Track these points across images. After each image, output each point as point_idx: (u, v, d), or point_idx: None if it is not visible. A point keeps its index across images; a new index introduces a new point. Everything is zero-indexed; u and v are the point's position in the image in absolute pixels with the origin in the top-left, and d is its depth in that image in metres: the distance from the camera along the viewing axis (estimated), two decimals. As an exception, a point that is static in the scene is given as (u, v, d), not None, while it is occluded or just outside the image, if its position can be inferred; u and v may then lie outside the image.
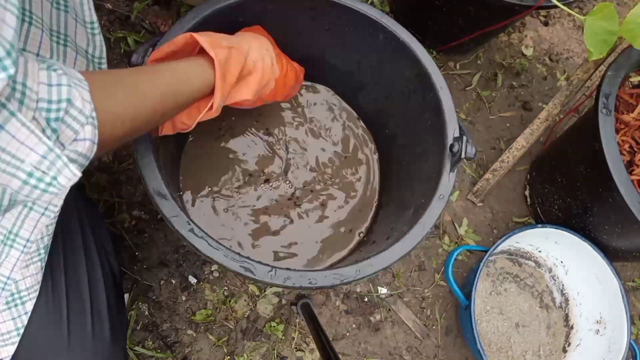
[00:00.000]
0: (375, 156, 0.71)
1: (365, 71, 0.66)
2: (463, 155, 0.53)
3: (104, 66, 0.51)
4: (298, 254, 0.65)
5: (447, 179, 0.53)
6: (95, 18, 0.45)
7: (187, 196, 0.65)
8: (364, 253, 0.62)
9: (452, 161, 0.54)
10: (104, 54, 0.50)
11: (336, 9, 0.59)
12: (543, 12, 1.15)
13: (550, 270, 0.92)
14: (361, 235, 0.67)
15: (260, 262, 0.45)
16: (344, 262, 0.60)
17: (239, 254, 0.45)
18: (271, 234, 0.65)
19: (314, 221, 0.67)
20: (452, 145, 0.54)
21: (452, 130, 0.56)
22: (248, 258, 0.45)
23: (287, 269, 0.45)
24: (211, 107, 0.48)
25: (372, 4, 1.03)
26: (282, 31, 0.62)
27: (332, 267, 0.65)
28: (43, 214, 0.43)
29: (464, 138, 0.54)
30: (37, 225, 0.43)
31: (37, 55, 0.41)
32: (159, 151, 0.51)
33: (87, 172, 0.82)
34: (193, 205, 0.65)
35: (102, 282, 0.54)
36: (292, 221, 0.66)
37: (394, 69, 0.63)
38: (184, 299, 0.80)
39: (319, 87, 0.72)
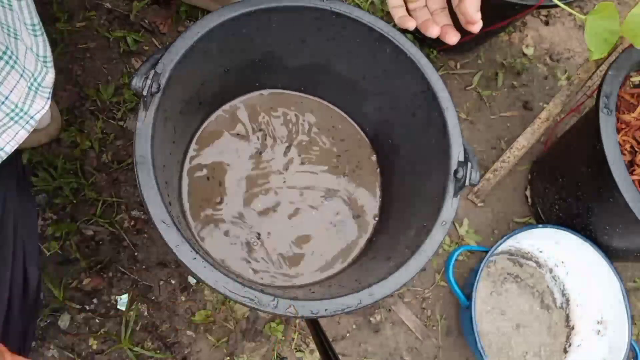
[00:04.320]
0: (378, 169, 0.71)
1: (370, 81, 0.66)
2: (467, 183, 0.53)
3: (50, 65, 0.50)
4: (296, 261, 0.65)
5: (450, 205, 0.53)
6: (37, 20, 0.46)
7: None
8: (364, 268, 0.62)
9: (456, 187, 0.54)
10: (49, 53, 0.50)
11: (342, 20, 0.58)
12: (544, 12, 1.14)
13: (551, 271, 0.92)
14: (361, 248, 0.67)
15: (262, 292, 0.45)
16: (343, 285, 0.60)
17: (241, 283, 0.45)
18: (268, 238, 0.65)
19: (313, 230, 0.67)
20: (456, 171, 0.54)
21: (456, 152, 0.55)
22: (250, 287, 0.45)
23: (290, 298, 0.46)
24: None
25: (372, 3, 1.03)
26: (286, 39, 0.62)
27: (330, 278, 0.65)
28: None
29: (469, 164, 0.53)
30: None
31: None
32: (160, 169, 0.50)
33: (86, 172, 0.82)
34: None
35: (7, 286, 0.50)
36: (290, 228, 0.66)
37: (399, 83, 0.62)
38: (183, 299, 0.80)
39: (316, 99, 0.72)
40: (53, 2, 0.88)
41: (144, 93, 0.47)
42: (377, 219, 0.69)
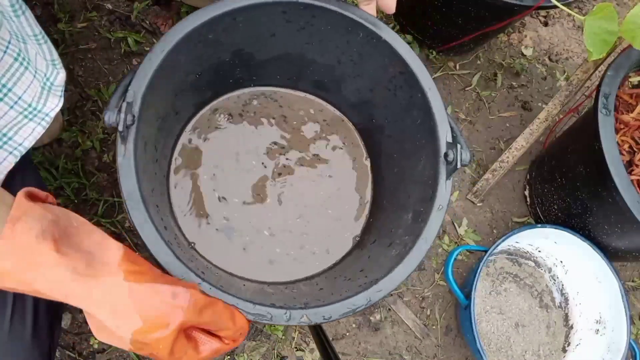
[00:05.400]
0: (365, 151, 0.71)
1: (346, 65, 0.66)
2: (459, 165, 0.53)
3: (59, 66, 0.52)
4: (291, 253, 0.65)
5: (444, 188, 0.54)
6: (38, 30, 0.48)
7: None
8: (366, 255, 0.62)
9: (447, 170, 0.54)
10: (56, 56, 0.52)
11: (309, 10, 0.58)
12: (543, 13, 1.15)
13: (549, 270, 0.92)
14: (357, 239, 0.67)
15: (273, 306, 0.46)
16: (349, 277, 0.60)
17: (251, 302, 0.45)
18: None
19: (309, 218, 0.67)
20: (446, 154, 0.54)
21: (444, 133, 0.55)
22: (261, 304, 0.45)
23: (301, 307, 0.46)
24: None
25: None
26: (255, 36, 0.61)
27: (333, 267, 0.65)
28: None
29: (458, 146, 0.54)
30: None
31: None
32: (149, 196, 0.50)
33: (87, 172, 0.82)
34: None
35: None
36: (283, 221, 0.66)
37: (376, 65, 0.62)
38: (184, 298, 0.80)
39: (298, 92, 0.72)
40: (54, 3, 0.88)
41: (120, 128, 0.45)
42: (370, 201, 0.69)
